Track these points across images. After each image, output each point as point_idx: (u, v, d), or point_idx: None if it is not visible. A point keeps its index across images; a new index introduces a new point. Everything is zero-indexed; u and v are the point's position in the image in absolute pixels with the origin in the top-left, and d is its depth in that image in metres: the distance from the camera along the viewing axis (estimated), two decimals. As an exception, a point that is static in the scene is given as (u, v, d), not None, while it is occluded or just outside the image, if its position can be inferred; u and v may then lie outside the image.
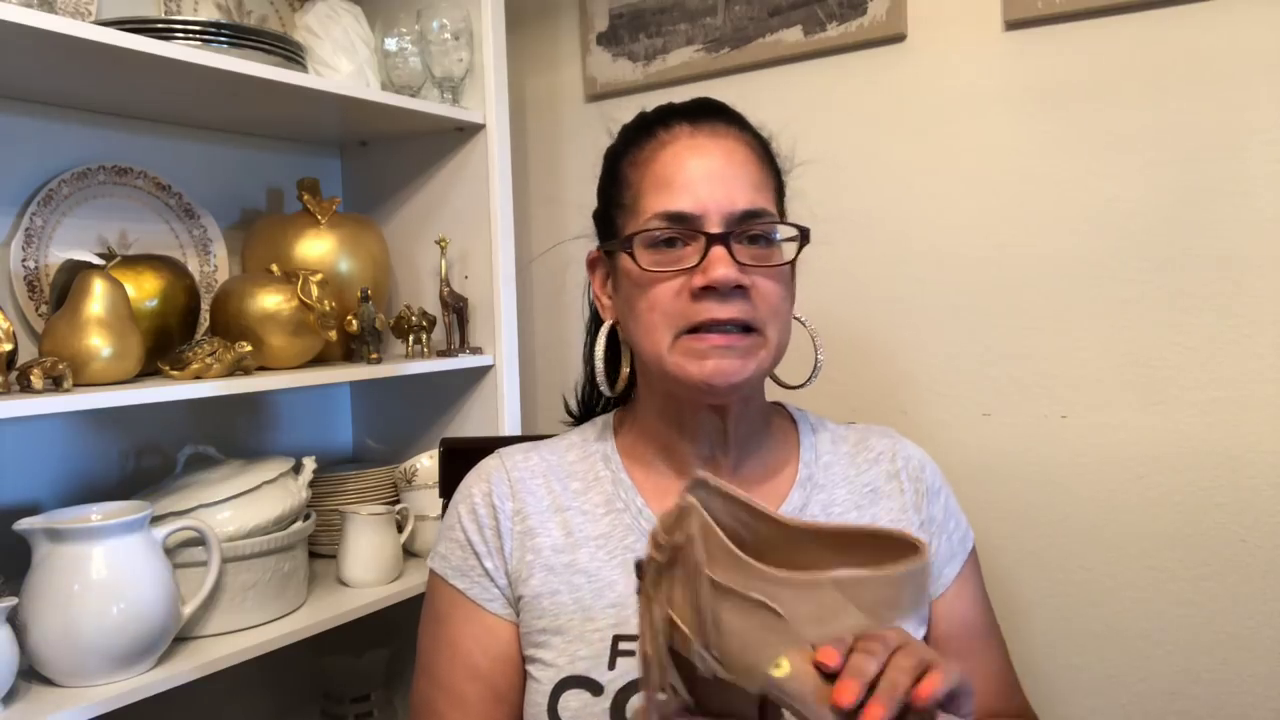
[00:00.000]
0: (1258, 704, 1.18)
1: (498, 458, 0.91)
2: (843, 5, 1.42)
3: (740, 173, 0.82)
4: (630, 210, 0.85)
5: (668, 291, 0.80)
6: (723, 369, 0.78)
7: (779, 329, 0.82)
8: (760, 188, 0.83)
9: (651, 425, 0.89)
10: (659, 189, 0.82)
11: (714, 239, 0.79)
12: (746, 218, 0.80)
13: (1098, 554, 1.26)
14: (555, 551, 0.84)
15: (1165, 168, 1.21)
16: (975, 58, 1.33)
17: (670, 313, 0.80)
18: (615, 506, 0.86)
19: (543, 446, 0.92)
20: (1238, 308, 1.18)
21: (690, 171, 0.82)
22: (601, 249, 0.90)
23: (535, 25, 1.74)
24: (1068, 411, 1.29)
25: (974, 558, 0.91)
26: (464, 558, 0.87)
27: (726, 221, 0.80)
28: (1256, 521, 1.18)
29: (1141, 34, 1.22)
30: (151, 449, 1.37)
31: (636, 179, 0.85)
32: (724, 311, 0.78)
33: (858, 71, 1.43)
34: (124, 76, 1.15)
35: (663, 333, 0.80)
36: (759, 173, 0.84)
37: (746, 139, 0.86)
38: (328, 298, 1.27)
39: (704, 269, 0.78)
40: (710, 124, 0.85)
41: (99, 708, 0.98)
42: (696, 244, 0.79)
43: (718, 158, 0.82)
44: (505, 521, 0.86)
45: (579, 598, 0.82)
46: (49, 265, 1.24)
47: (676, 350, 0.79)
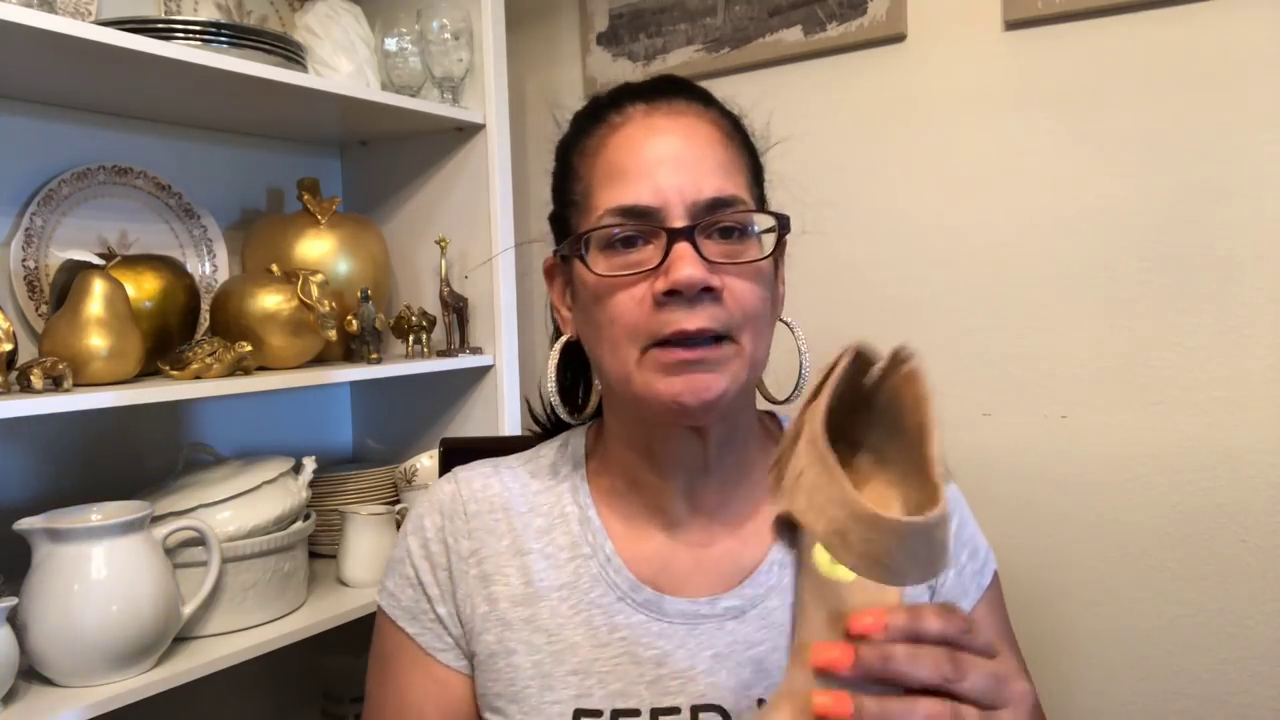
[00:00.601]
0: (1258, 704, 1.18)
1: (453, 483, 0.80)
2: (843, 5, 1.42)
3: (705, 155, 0.71)
4: (582, 208, 0.73)
5: (628, 300, 0.69)
6: (694, 385, 0.67)
7: (756, 335, 0.70)
8: (730, 171, 0.72)
9: (619, 455, 0.77)
10: (611, 180, 0.71)
11: (676, 234, 0.67)
12: (714, 207, 0.69)
13: (1098, 554, 1.26)
14: (513, 604, 0.74)
15: (1165, 168, 1.21)
16: (975, 58, 1.33)
17: (632, 325, 0.68)
18: (581, 551, 0.75)
19: (504, 469, 0.81)
20: (1238, 308, 1.18)
21: (646, 157, 0.70)
22: (556, 254, 0.78)
23: (535, 25, 1.74)
24: (1068, 411, 1.29)
25: (994, 592, 0.79)
26: (415, 599, 0.78)
27: (691, 213, 0.68)
28: (1256, 521, 1.18)
29: (1141, 34, 1.22)
30: (151, 449, 1.37)
31: (587, 170, 0.74)
32: (692, 320, 0.66)
33: (858, 71, 1.43)
34: (124, 76, 1.15)
35: (627, 349, 0.69)
36: (727, 154, 0.73)
37: (712, 116, 0.75)
38: (328, 298, 1.27)
39: (666, 270, 0.67)
40: (668, 102, 0.74)
41: (99, 708, 0.98)
42: (658, 242, 0.68)
43: (678, 139, 0.71)
44: (458, 563, 0.76)
45: (538, 661, 0.72)
46: (49, 265, 1.24)
47: (644, 366, 0.68)
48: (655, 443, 0.74)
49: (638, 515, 0.76)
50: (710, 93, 0.78)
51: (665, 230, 0.68)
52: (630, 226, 0.69)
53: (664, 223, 0.68)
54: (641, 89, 0.76)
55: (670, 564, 0.74)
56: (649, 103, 0.74)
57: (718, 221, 0.69)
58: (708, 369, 0.67)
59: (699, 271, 0.66)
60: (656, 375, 0.68)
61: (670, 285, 0.66)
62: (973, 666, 0.49)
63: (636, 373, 0.69)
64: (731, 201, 0.70)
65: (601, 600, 0.73)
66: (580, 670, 0.72)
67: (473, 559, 0.76)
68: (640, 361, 0.68)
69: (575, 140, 0.77)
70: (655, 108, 0.74)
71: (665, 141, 0.71)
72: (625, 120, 0.73)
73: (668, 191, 0.69)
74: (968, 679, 0.49)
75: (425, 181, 1.55)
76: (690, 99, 0.75)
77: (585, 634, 0.72)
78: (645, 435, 0.75)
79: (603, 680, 0.71)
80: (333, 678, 1.52)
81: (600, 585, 0.74)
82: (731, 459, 0.75)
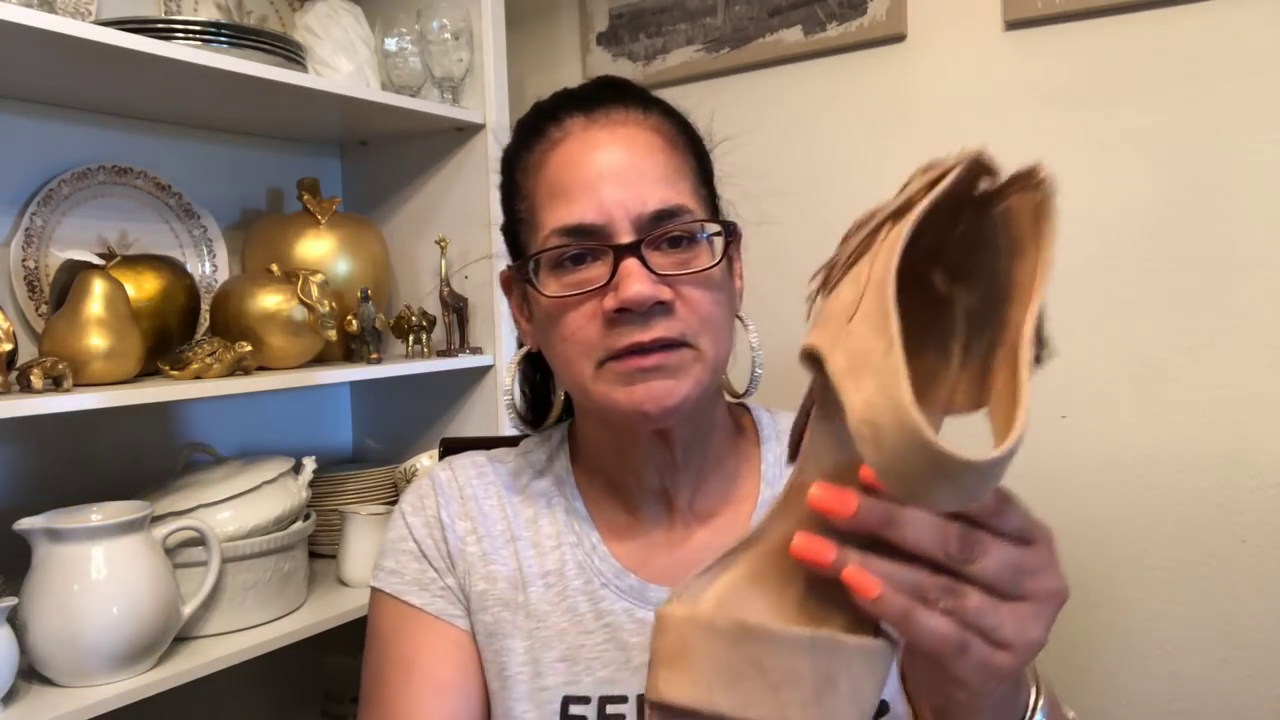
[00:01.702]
0: (1258, 704, 1.18)
1: (449, 470, 0.81)
2: (843, 5, 1.42)
3: (647, 165, 0.70)
4: (529, 225, 0.73)
5: (580, 318, 0.69)
6: (654, 393, 0.67)
7: (715, 338, 0.70)
8: (674, 179, 0.71)
9: (595, 454, 0.78)
10: (555, 199, 0.71)
11: (624, 251, 0.67)
12: (659, 219, 0.69)
13: (1097, 554, 1.26)
14: (510, 585, 0.75)
15: (1165, 168, 1.21)
16: (975, 58, 1.33)
17: (586, 342, 0.68)
18: (567, 540, 0.76)
19: (496, 460, 0.83)
20: (1238, 308, 1.18)
21: (588, 173, 0.70)
22: (509, 270, 0.77)
23: (535, 25, 1.74)
24: (1068, 411, 1.29)
25: None
26: (421, 570, 0.77)
27: (637, 227, 0.68)
28: (1256, 521, 1.18)
29: (1141, 34, 1.22)
30: (151, 449, 1.37)
31: (530, 187, 0.74)
32: (646, 334, 0.66)
33: (858, 71, 1.43)
34: (124, 76, 1.15)
35: (582, 364, 0.69)
36: (670, 161, 0.72)
37: (652, 122, 0.74)
38: (328, 298, 1.27)
39: (615, 288, 0.66)
40: (607, 111, 0.73)
41: (99, 708, 0.98)
42: (606, 259, 0.68)
43: (619, 151, 0.70)
44: (456, 541, 0.77)
45: (529, 647, 0.73)
46: (49, 265, 1.24)
47: (601, 379, 0.68)
48: (624, 446, 0.75)
49: (617, 511, 0.77)
50: (649, 94, 0.77)
51: (611, 248, 0.68)
52: (577, 245, 0.69)
53: (610, 239, 0.68)
54: (580, 97, 0.75)
55: (649, 560, 0.76)
56: (587, 114, 0.73)
57: (665, 233, 0.69)
58: (667, 375, 0.67)
59: (649, 287, 0.66)
60: (615, 386, 0.68)
61: (620, 303, 0.66)
62: (988, 549, 0.44)
63: (594, 386, 0.69)
64: (677, 211, 0.70)
65: (586, 587, 0.74)
66: (568, 658, 0.72)
67: (471, 537, 0.77)
68: (596, 376, 0.69)
69: (517, 154, 0.76)
70: (594, 119, 0.73)
71: (606, 155, 0.70)
72: (564, 135, 0.73)
73: (611, 207, 0.68)
74: (978, 562, 0.43)
75: (425, 181, 1.55)
76: (629, 106, 0.74)
77: (570, 620, 0.73)
78: (614, 439, 0.75)
79: (590, 667, 0.72)
80: (333, 678, 1.52)
81: (585, 573, 0.75)
82: (700, 457, 0.76)
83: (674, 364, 0.67)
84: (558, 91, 0.78)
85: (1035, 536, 0.45)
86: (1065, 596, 0.46)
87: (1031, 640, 0.45)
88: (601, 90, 0.76)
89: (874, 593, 0.42)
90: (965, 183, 0.47)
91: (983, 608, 0.43)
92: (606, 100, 0.74)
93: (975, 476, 0.37)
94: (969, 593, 0.43)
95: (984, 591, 0.43)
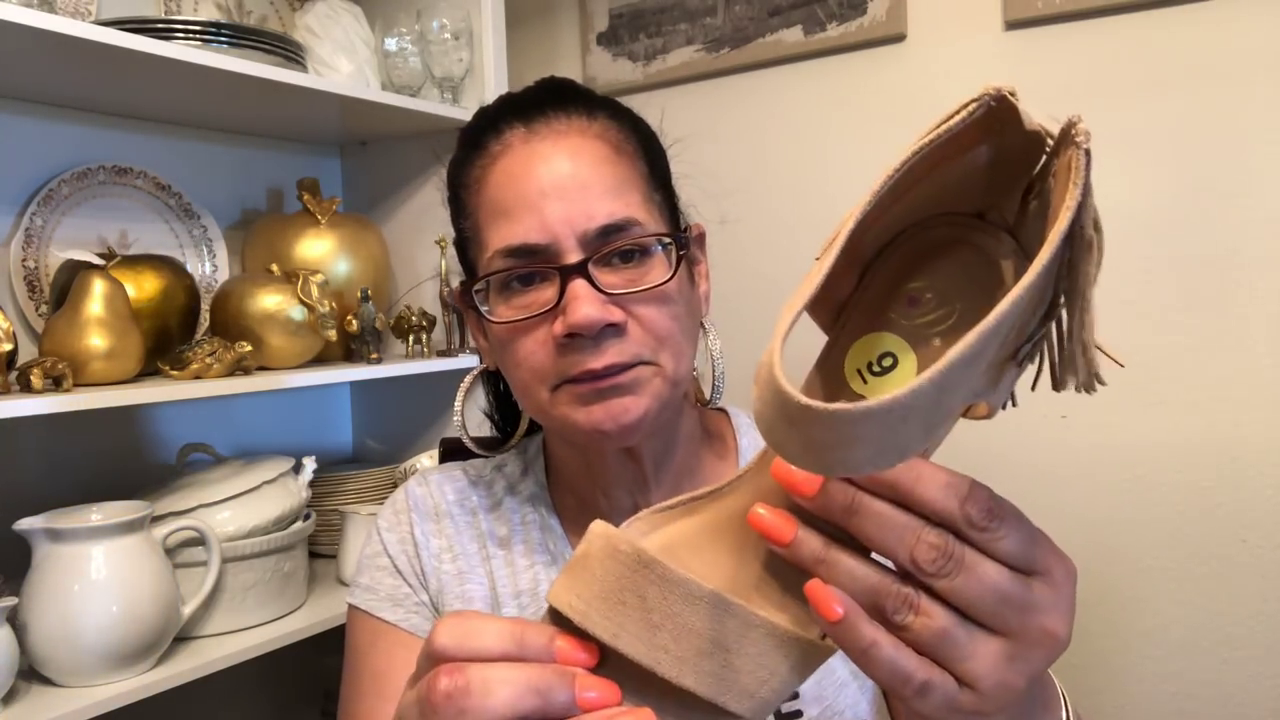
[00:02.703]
0: (1258, 704, 1.18)
1: (424, 485, 0.80)
2: (843, 5, 1.42)
3: (592, 178, 0.66)
4: (474, 243, 0.71)
5: (531, 344, 0.66)
6: (612, 412, 0.64)
7: (675, 353, 0.67)
8: (621, 190, 0.67)
9: (565, 472, 0.77)
10: (497, 218, 0.67)
11: (570, 271, 0.64)
12: (606, 233, 0.65)
13: (1097, 554, 1.26)
14: (485, 605, 0.74)
15: (1165, 168, 1.21)
16: (975, 58, 1.33)
17: (538, 368, 0.66)
18: (540, 559, 0.75)
19: (471, 475, 0.81)
20: (1238, 308, 1.18)
21: (529, 189, 0.66)
22: (459, 292, 0.73)
23: (535, 25, 1.74)
24: (1068, 411, 1.29)
25: None
26: (395, 586, 0.76)
27: (583, 244, 0.64)
28: (1256, 521, 1.18)
29: (1141, 34, 1.22)
30: (151, 449, 1.37)
31: (474, 205, 0.70)
32: (599, 360, 0.63)
33: (858, 71, 1.43)
34: (124, 76, 1.15)
35: (537, 389, 0.67)
36: (617, 171, 0.68)
37: (597, 129, 0.70)
38: (328, 298, 1.27)
39: (563, 311, 0.63)
40: (548, 120, 0.69)
41: (99, 708, 0.98)
42: (553, 280, 0.65)
43: (562, 164, 0.66)
44: (430, 560, 0.76)
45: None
46: (49, 265, 1.24)
47: (558, 401, 0.66)
48: (592, 465, 0.73)
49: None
50: (595, 96, 0.73)
51: (558, 269, 0.64)
52: (522, 267, 0.66)
53: (556, 260, 0.65)
54: (521, 104, 0.71)
55: None
56: (528, 124, 0.69)
57: (613, 249, 0.65)
58: (625, 392, 0.65)
59: (595, 311, 0.62)
60: (573, 407, 0.65)
61: (568, 329, 0.63)
62: (972, 570, 0.37)
63: (552, 409, 0.67)
64: (625, 224, 0.66)
65: None
66: None
67: (446, 555, 0.76)
68: (553, 399, 0.66)
69: (460, 168, 0.73)
70: (534, 130, 0.69)
71: (548, 169, 0.66)
72: (504, 149, 0.69)
73: (556, 225, 0.65)
74: (954, 578, 0.37)
75: (425, 181, 1.55)
76: (571, 113, 0.70)
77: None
78: (581, 458, 0.73)
79: None
80: (333, 678, 1.51)
81: None
82: (672, 471, 0.74)
83: (630, 381, 0.65)
84: (501, 96, 0.74)
85: (1043, 568, 0.38)
86: (1063, 645, 0.39)
87: (1003, 683, 0.38)
88: (543, 95, 0.72)
89: (834, 616, 0.37)
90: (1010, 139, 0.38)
91: (949, 632, 0.37)
92: (548, 107, 0.70)
93: (820, 428, 0.31)
94: (936, 613, 0.37)
95: (957, 615, 0.37)
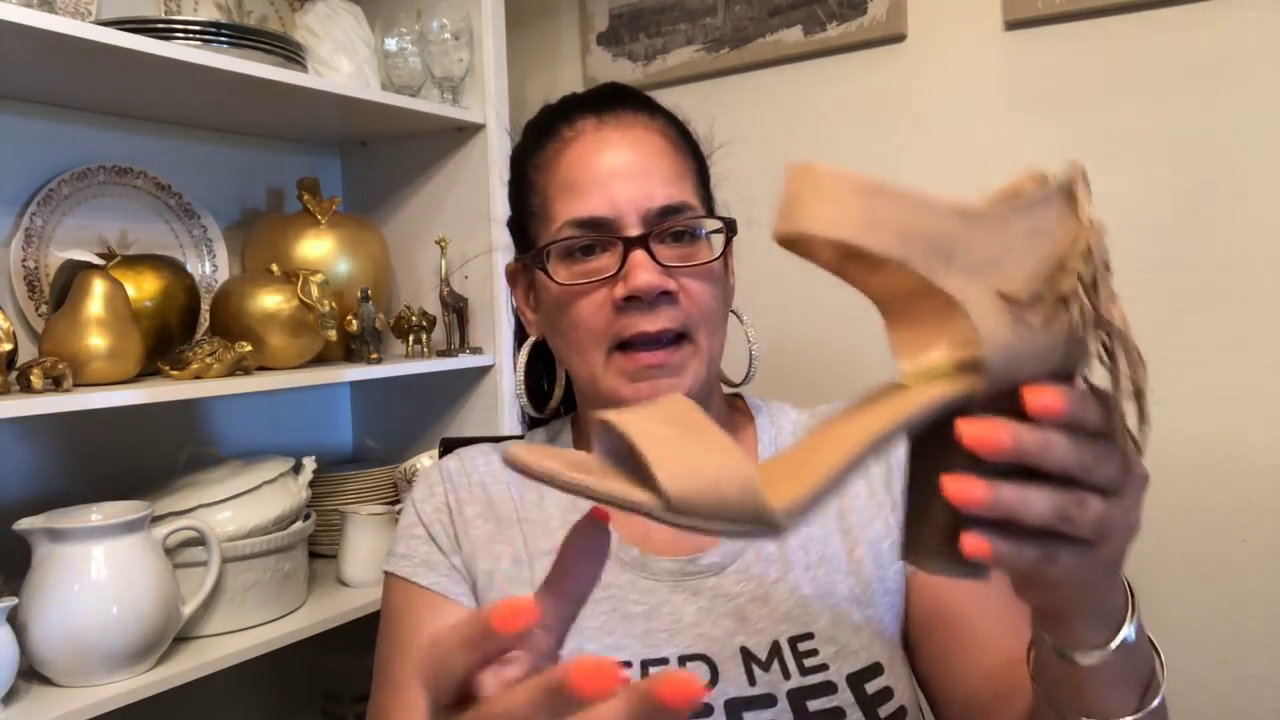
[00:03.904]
0: (1258, 704, 1.18)
1: (458, 459, 0.85)
2: (843, 5, 1.42)
3: (654, 165, 0.75)
4: (541, 218, 0.78)
5: (590, 306, 0.73)
6: (658, 390, 0.72)
7: (711, 331, 0.76)
8: (678, 179, 0.76)
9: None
10: (567, 193, 0.75)
11: (632, 243, 0.72)
12: (665, 214, 0.74)
13: (1098, 554, 1.26)
14: (515, 563, 0.78)
15: (1165, 168, 1.21)
16: (975, 58, 1.33)
17: (596, 329, 0.73)
18: (571, 518, 0.79)
19: (502, 448, 0.87)
20: (1238, 308, 1.18)
21: (599, 170, 0.75)
22: (518, 261, 0.83)
23: (535, 25, 1.74)
24: (1068, 411, 1.29)
25: None
26: (429, 552, 0.80)
27: (644, 221, 0.73)
28: (1256, 521, 1.18)
29: (1141, 34, 1.22)
30: (151, 449, 1.37)
31: (543, 183, 0.79)
32: (653, 323, 0.72)
33: (858, 71, 1.43)
34: (124, 76, 1.15)
35: (593, 352, 0.74)
36: (675, 162, 0.77)
37: (659, 126, 0.79)
38: (328, 298, 1.27)
39: (624, 277, 0.72)
40: (616, 114, 0.78)
41: (99, 708, 0.98)
42: (615, 250, 0.73)
43: (628, 151, 0.76)
44: (463, 525, 0.80)
45: None
46: (49, 265, 1.24)
47: (610, 371, 0.74)
48: None
49: None
50: (654, 101, 0.82)
51: (621, 239, 0.73)
52: (588, 237, 0.74)
53: (620, 232, 0.73)
54: (590, 101, 0.80)
55: (651, 534, 0.78)
56: (598, 116, 0.78)
57: (670, 227, 0.74)
58: (670, 374, 0.73)
59: (655, 277, 0.71)
60: (622, 381, 0.73)
61: (630, 291, 0.71)
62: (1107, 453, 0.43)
63: (603, 376, 0.74)
64: (681, 208, 0.75)
65: None
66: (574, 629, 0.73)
67: (479, 520, 0.80)
68: (606, 365, 0.74)
69: (529, 152, 0.81)
70: (604, 121, 0.78)
71: (617, 154, 0.75)
72: (577, 134, 0.78)
73: (622, 202, 0.73)
74: (1102, 469, 0.43)
75: (425, 181, 1.55)
76: (637, 110, 0.79)
77: None
78: None
79: (594, 636, 0.74)
80: (333, 677, 1.52)
81: None
82: None
83: (675, 362, 0.73)
84: (565, 96, 0.82)
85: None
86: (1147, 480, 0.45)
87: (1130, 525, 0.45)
88: (609, 95, 0.80)
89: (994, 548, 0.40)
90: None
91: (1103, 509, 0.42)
92: (615, 104, 0.79)
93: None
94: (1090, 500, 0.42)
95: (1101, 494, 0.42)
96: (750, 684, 0.71)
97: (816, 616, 0.74)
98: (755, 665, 0.72)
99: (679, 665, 0.72)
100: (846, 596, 0.76)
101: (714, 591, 0.75)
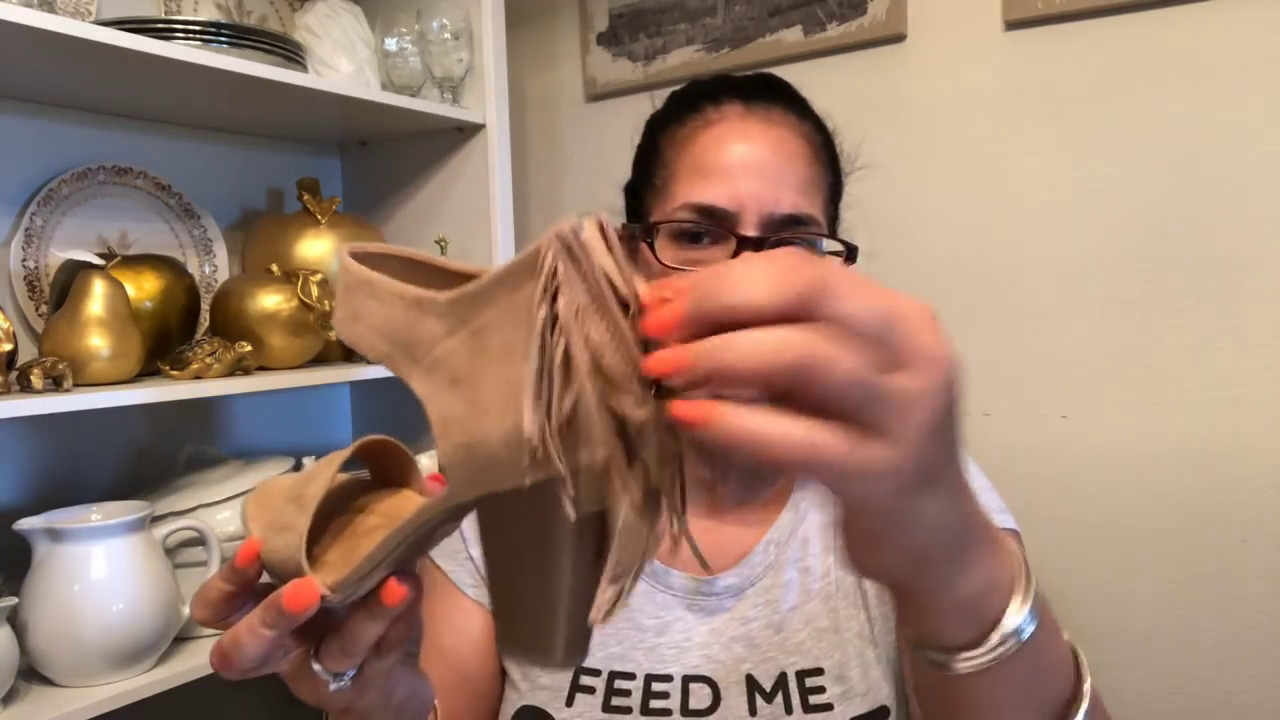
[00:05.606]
0: (1258, 704, 1.18)
1: None
2: (843, 5, 1.42)
3: (789, 169, 0.71)
4: (660, 192, 0.75)
5: None
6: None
7: None
8: (809, 190, 0.72)
9: None
10: (694, 175, 0.72)
11: (746, 242, 0.68)
12: (787, 224, 0.70)
13: (1097, 554, 1.26)
14: None
15: (1165, 168, 1.21)
16: (975, 58, 1.33)
17: None
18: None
19: None
20: (1238, 308, 1.18)
21: (732, 160, 0.71)
22: (625, 229, 0.79)
23: (535, 25, 1.74)
24: (1068, 411, 1.29)
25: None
26: (452, 539, 0.81)
27: (764, 224, 0.69)
28: (1256, 521, 1.18)
29: (1141, 34, 1.22)
30: (151, 449, 1.37)
31: (672, 158, 0.75)
32: None
33: (858, 71, 1.43)
34: (124, 76, 1.15)
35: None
36: (811, 171, 0.73)
37: (804, 130, 0.75)
38: (328, 298, 1.27)
39: None
40: (765, 107, 0.74)
41: (99, 708, 0.98)
42: (726, 245, 0.69)
43: (766, 148, 0.72)
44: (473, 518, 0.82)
45: None
46: (49, 265, 1.24)
47: None
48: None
49: None
50: (807, 103, 0.78)
51: (736, 236, 0.69)
52: (703, 224, 0.70)
53: (736, 228, 0.69)
54: (742, 86, 0.76)
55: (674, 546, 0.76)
56: (746, 104, 0.74)
57: (790, 238, 0.70)
58: None
59: None
60: None
61: None
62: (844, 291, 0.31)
63: None
64: (806, 220, 0.71)
65: None
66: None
67: None
68: None
69: (666, 123, 0.77)
70: (751, 110, 0.74)
71: (754, 148, 0.71)
72: (720, 118, 0.74)
73: (745, 198, 0.69)
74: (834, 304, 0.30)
75: (425, 181, 1.55)
76: (787, 108, 0.75)
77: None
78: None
79: (604, 642, 0.73)
80: (333, 678, 1.52)
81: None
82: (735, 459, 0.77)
83: None
84: (719, 74, 0.78)
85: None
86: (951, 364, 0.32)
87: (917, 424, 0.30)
88: (763, 86, 0.76)
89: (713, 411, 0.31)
90: None
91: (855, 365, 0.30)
92: (767, 96, 0.75)
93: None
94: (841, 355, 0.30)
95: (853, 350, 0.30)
96: (751, 714, 0.70)
97: (828, 652, 0.73)
98: (759, 695, 0.71)
99: (682, 685, 0.72)
100: (859, 633, 0.75)
101: (729, 615, 0.74)
